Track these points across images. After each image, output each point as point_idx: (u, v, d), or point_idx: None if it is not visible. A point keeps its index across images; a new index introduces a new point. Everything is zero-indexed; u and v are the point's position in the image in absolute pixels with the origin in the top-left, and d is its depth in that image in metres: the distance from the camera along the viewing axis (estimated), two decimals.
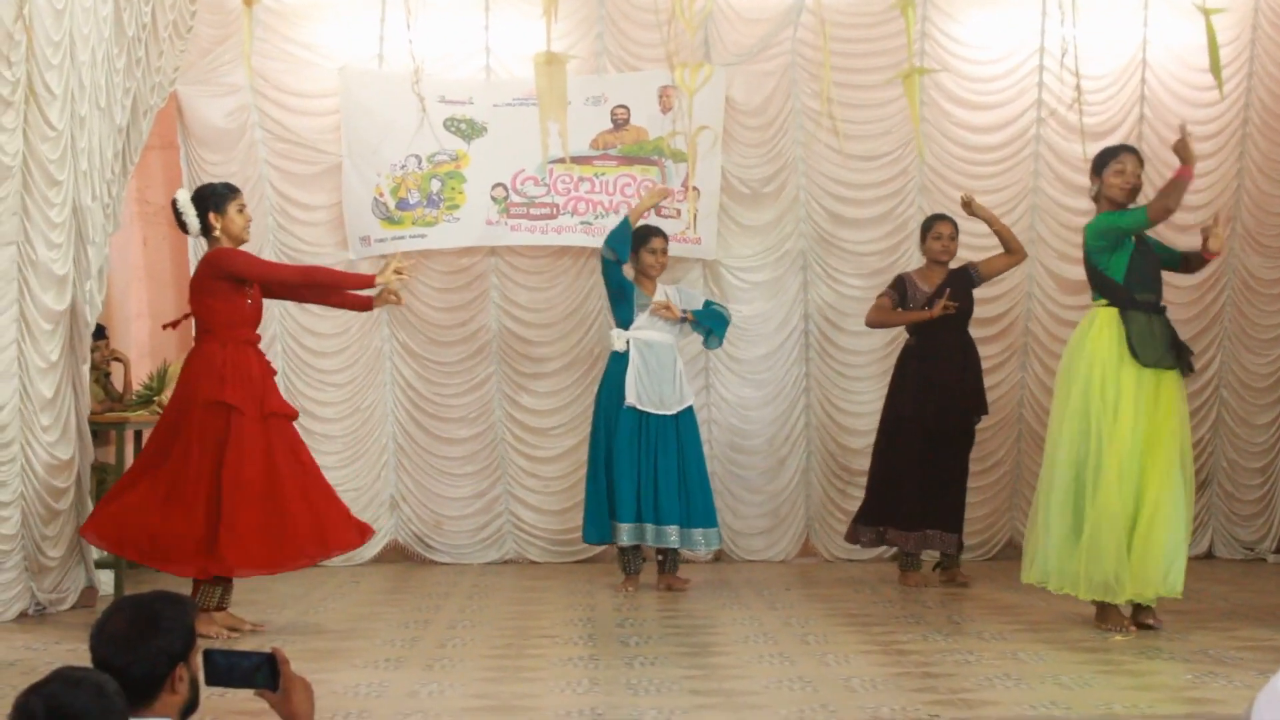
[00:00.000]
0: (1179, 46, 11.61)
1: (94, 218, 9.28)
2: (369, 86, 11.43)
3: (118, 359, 11.01)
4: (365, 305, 8.97)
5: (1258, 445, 11.86)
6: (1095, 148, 10.85)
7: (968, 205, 10.27)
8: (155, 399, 10.48)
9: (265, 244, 11.07)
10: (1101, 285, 8.48)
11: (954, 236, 10.47)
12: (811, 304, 11.75)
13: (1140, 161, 8.69)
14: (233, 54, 11.21)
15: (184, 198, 8.45)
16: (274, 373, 8.73)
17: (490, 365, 11.75)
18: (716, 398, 11.72)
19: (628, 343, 10.17)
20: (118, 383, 11.02)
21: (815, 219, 11.77)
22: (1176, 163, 11.28)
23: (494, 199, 11.48)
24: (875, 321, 10.66)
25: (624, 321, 10.23)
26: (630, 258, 10.27)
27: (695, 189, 11.30)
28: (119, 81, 9.35)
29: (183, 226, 8.49)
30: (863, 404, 11.69)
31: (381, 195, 11.43)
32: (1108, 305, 8.40)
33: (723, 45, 11.48)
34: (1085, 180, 11.52)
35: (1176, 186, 8.33)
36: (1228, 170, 11.72)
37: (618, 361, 10.20)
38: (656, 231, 10.42)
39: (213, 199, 8.39)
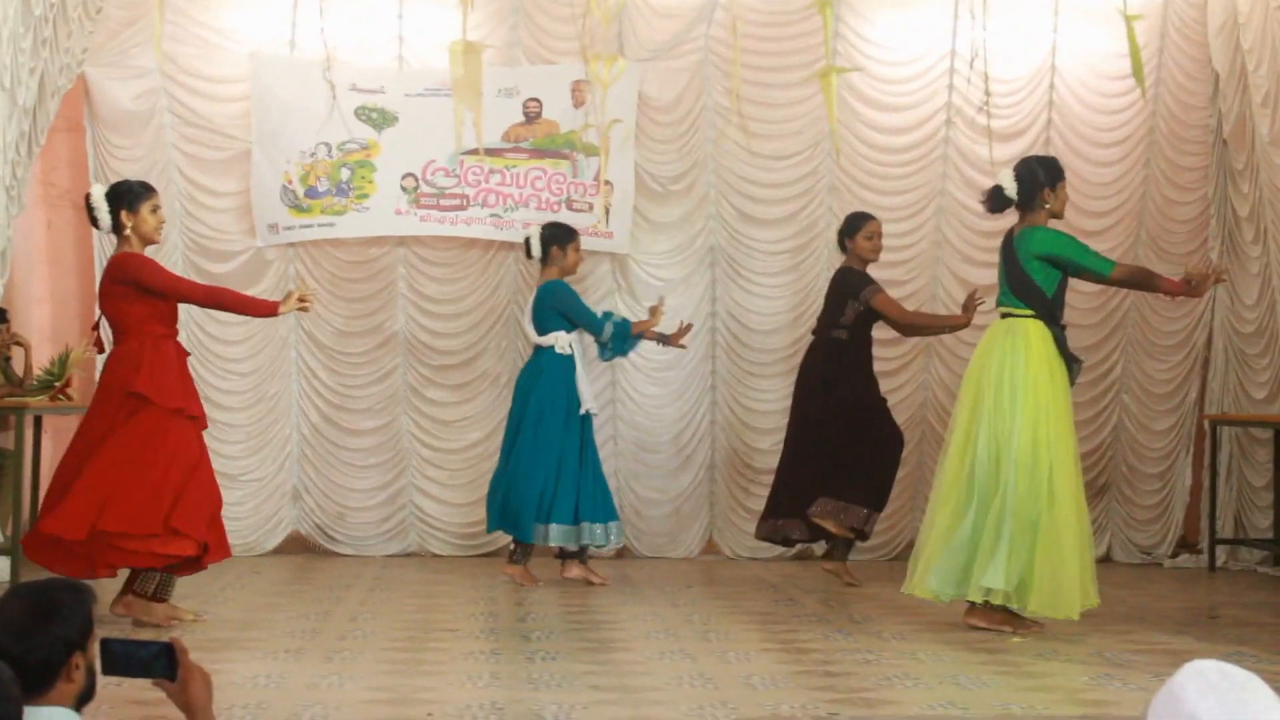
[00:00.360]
0: (1088, 53, 11.76)
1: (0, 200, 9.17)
2: (280, 73, 11.38)
3: (19, 343, 10.88)
4: (271, 311, 8.83)
5: (1156, 451, 12.03)
6: (1003, 151, 11.04)
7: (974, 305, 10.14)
8: (56, 384, 10.40)
9: (172, 230, 10.99)
10: (1030, 294, 8.39)
11: (881, 235, 10.38)
12: (719, 302, 11.81)
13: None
14: (142, 36, 11.14)
15: (98, 193, 8.37)
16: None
17: (397, 357, 11.73)
18: (623, 394, 11.76)
19: (570, 345, 10.20)
20: (18, 367, 10.90)
21: (725, 217, 11.83)
22: (1086, 171, 11.51)
23: (404, 189, 11.46)
24: (914, 324, 10.53)
25: (565, 325, 10.22)
26: (555, 254, 10.26)
27: (608, 183, 11.34)
28: (24, 61, 9.24)
29: (94, 221, 8.41)
30: (768, 402, 11.76)
31: (290, 183, 11.38)
32: (1034, 317, 8.38)
33: (636, 40, 11.52)
34: (990, 183, 11.72)
35: (1156, 285, 8.56)
36: (1134, 178, 11.86)
37: (558, 363, 10.18)
38: (576, 233, 10.43)
39: (127, 196, 8.30)
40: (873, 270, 10.35)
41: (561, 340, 10.17)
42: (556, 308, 10.18)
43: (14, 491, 9.87)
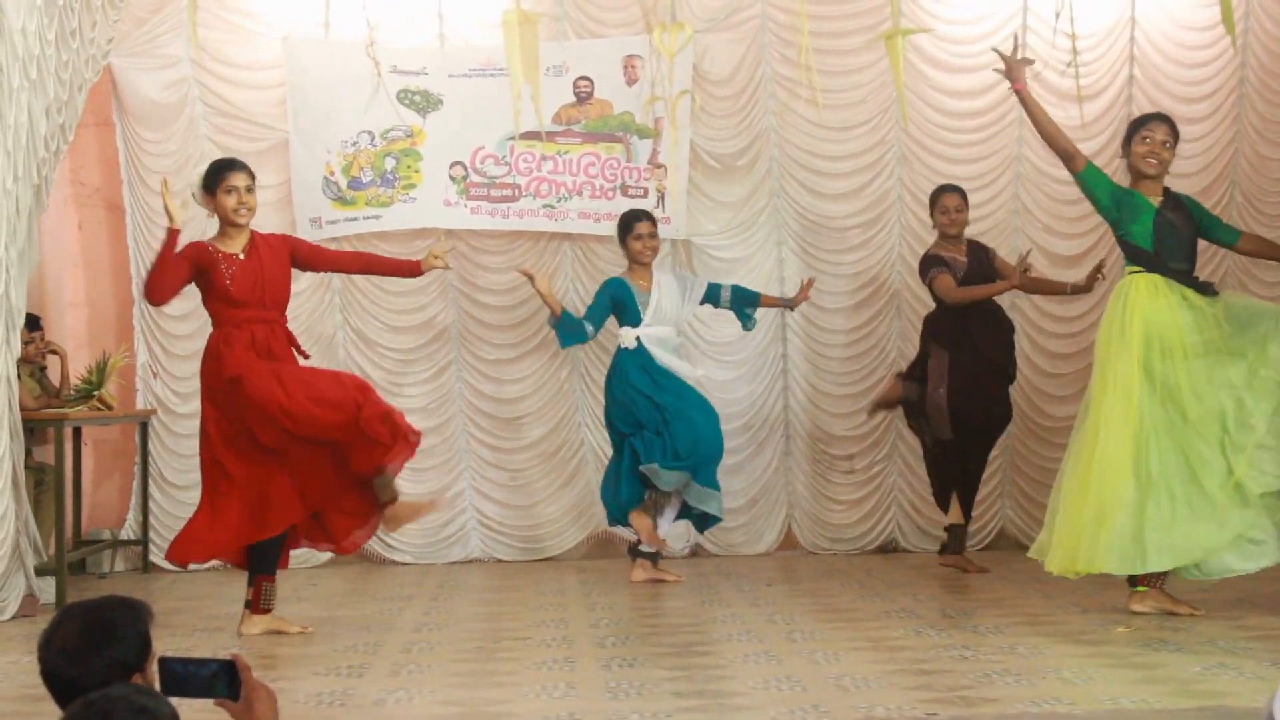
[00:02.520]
0: (1170, 2, 11.60)
1: (23, 199, 9.15)
2: (315, 56, 11.34)
3: (54, 351, 10.89)
4: (414, 270, 9.03)
5: None
6: (1085, 110, 10.91)
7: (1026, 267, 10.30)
8: (95, 393, 10.39)
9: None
10: (1133, 256, 8.47)
11: (960, 208, 10.51)
12: (789, 281, 11.69)
13: (1173, 130, 8.61)
14: (170, 24, 11.13)
15: (197, 186, 8.61)
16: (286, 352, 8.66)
17: (450, 353, 11.68)
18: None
19: (637, 339, 10.27)
20: (54, 377, 10.91)
21: (789, 193, 11.74)
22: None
23: (452, 178, 11.41)
24: (961, 298, 10.43)
25: (632, 320, 10.35)
26: (622, 252, 10.41)
27: (661, 166, 11.28)
28: (51, 54, 9.22)
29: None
30: (844, 385, 11.68)
31: (332, 174, 11.34)
32: (1143, 271, 8.42)
33: (689, 9, 11.43)
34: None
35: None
36: (1224, 134, 11.71)
37: (628, 355, 10.29)
38: (641, 215, 10.50)
39: (206, 179, 8.52)
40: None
41: (626, 336, 10.32)
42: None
43: (56, 507, 9.86)
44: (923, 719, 5.96)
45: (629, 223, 10.40)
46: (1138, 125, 8.61)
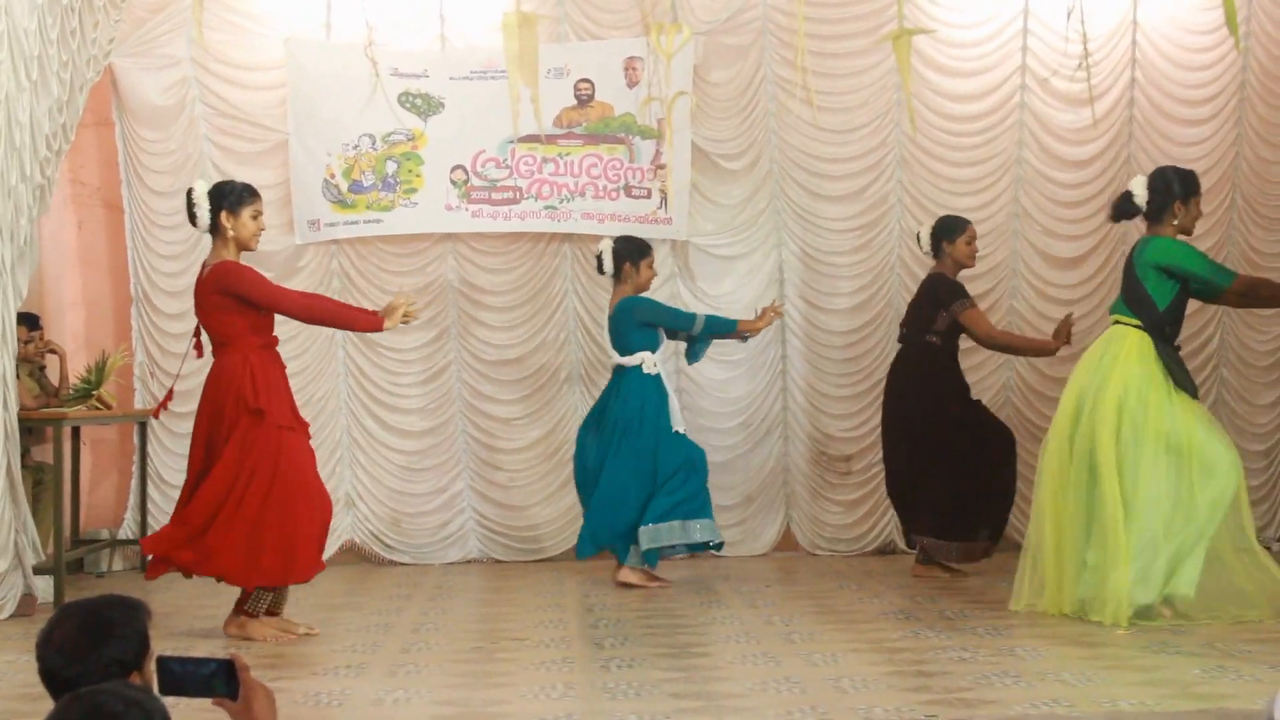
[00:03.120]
0: (1172, 4, 11.58)
1: (24, 198, 9.15)
2: (316, 58, 11.33)
3: (53, 351, 10.89)
4: (376, 326, 8.81)
5: (1260, 426, 11.87)
6: (1083, 115, 10.91)
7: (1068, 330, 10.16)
8: (94, 393, 10.39)
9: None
10: (1141, 305, 8.53)
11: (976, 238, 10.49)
12: (788, 283, 11.70)
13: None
14: (170, 24, 11.13)
15: (201, 190, 8.36)
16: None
17: (449, 354, 11.68)
18: (687, 382, 11.63)
19: (656, 364, 10.28)
20: (53, 376, 10.90)
21: (789, 195, 11.73)
22: (1174, 132, 11.38)
23: (453, 182, 11.40)
24: (1000, 343, 10.46)
25: (650, 344, 10.30)
26: (627, 271, 10.32)
27: (663, 167, 11.27)
28: (53, 54, 9.22)
29: (192, 219, 8.38)
30: (843, 386, 11.68)
31: (333, 176, 11.33)
32: (1140, 329, 8.48)
33: (690, 12, 11.43)
34: (1072, 150, 11.62)
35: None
36: (1225, 137, 11.69)
37: (645, 382, 10.24)
38: (651, 246, 10.57)
39: (230, 198, 8.29)
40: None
41: (648, 360, 10.24)
42: (641, 321, 10.27)
43: (54, 506, 9.85)
44: None
45: (645, 250, 10.40)
46: (1198, 187, 8.70)
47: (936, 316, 10.17)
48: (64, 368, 10.87)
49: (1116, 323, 8.61)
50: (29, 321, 10.57)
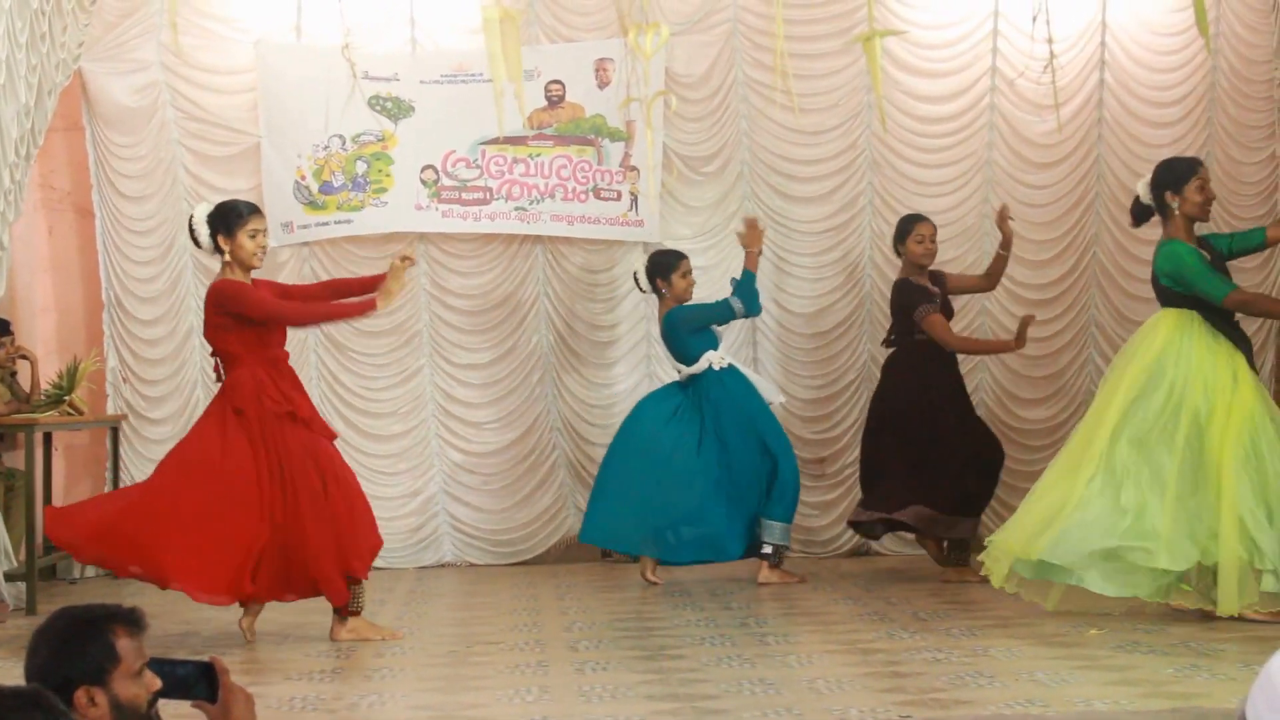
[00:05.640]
0: (1140, 6, 11.62)
1: None
2: (287, 61, 11.32)
3: (24, 356, 10.85)
4: (370, 308, 8.77)
5: None
6: (1053, 116, 10.94)
7: (1003, 218, 10.33)
8: (66, 398, 10.37)
9: (180, 231, 10.91)
10: (1168, 301, 8.59)
11: (934, 238, 10.50)
12: (760, 285, 11.69)
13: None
14: (140, 28, 11.11)
15: (200, 213, 8.37)
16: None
17: (421, 357, 11.67)
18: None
19: (724, 358, 10.47)
20: (24, 382, 10.87)
21: (761, 196, 11.75)
22: (1143, 133, 11.42)
23: (424, 182, 11.41)
24: (963, 349, 10.60)
25: (711, 344, 10.45)
26: (661, 286, 10.47)
27: (634, 169, 11.29)
28: (22, 58, 9.19)
29: (195, 241, 8.43)
30: (815, 389, 11.71)
31: (304, 178, 11.33)
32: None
33: (661, 12, 11.42)
34: (1041, 152, 11.66)
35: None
36: (1195, 138, 11.69)
37: (724, 378, 10.41)
38: (685, 254, 10.70)
39: (224, 220, 8.28)
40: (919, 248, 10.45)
41: (714, 358, 10.38)
42: (690, 330, 10.41)
43: (26, 513, 9.83)
44: None
45: (674, 262, 10.53)
46: (1193, 170, 8.64)
47: (912, 323, 10.30)
48: (35, 373, 10.84)
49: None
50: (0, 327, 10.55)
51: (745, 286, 10.39)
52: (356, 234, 11.42)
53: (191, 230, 8.38)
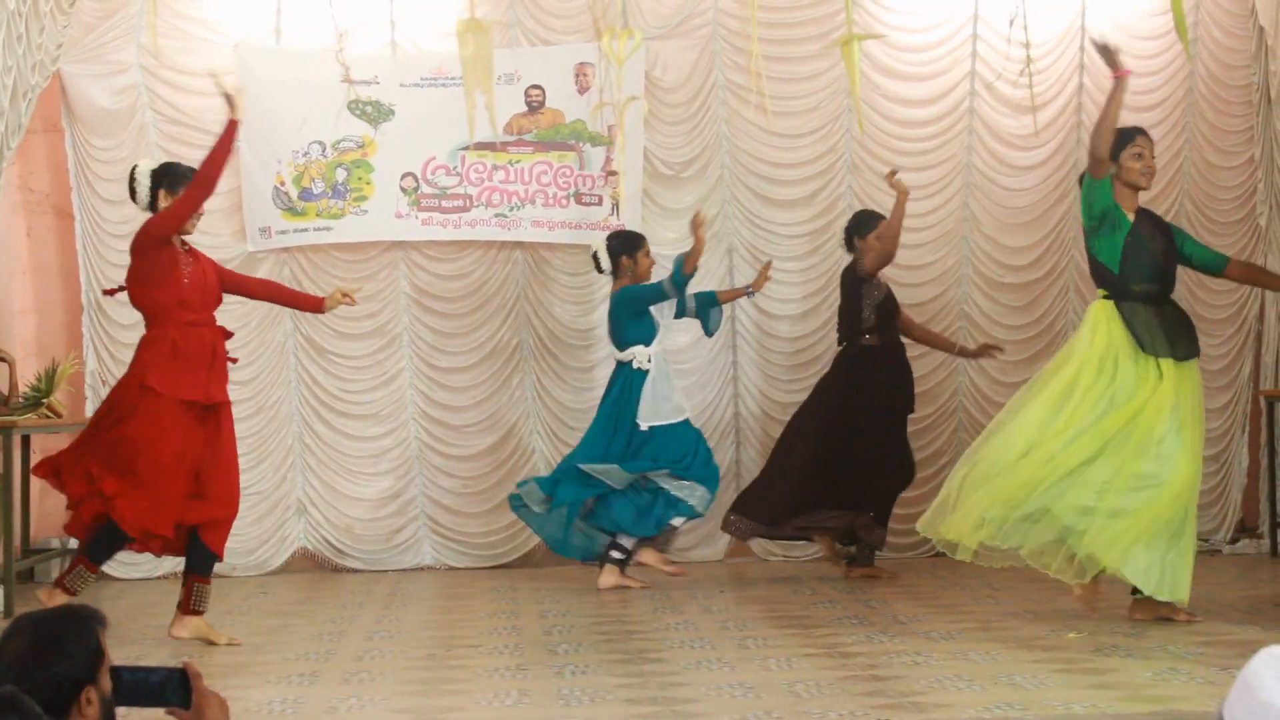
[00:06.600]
0: (1120, 11, 11.64)
1: None
2: (267, 65, 11.28)
3: (2, 359, 10.81)
4: (316, 307, 8.96)
5: (1211, 431, 11.83)
6: (1031, 120, 10.94)
7: (893, 177, 10.36)
8: (44, 401, 10.32)
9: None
10: (1096, 273, 8.55)
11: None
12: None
13: (1151, 141, 8.67)
14: (119, 30, 11.08)
15: (145, 168, 8.48)
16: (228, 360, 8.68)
17: (401, 360, 11.64)
18: None
19: (649, 359, 10.36)
20: (3, 384, 10.82)
21: (741, 200, 11.74)
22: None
23: (403, 190, 11.37)
24: (889, 248, 10.50)
25: (644, 336, 10.36)
26: (624, 265, 10.44)
27: (614, 173, 11.27)
28: None
29: (132, 194, 8.48)
30: (795, 392, 11.67)
31: (283, 183, 11.28)
32: (1105, 297, 8.44)
33: (641, 16, 11.41)
34: (1020, 156, 11.67)
35: None
36: (1174, 143, 11.72)
37: (635, 378, 10.35)
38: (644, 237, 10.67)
39: (169, 178, 8.40)
40: (899, 252, 10.60)
41: (640, 355, 10.33)
42: (633, 312, 10.35)
43: (4, 516, 9.78)
44: None
45: (639, 241, 10.54)
46: (1130, 138, 8.50)
47: (861, 305, 10.43)
48: (13, 376, 10.79)
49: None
50: None
51: (675, 271, 10.38)
52: (336, 241, 11.38)
53: (132, 183, 8.42)
